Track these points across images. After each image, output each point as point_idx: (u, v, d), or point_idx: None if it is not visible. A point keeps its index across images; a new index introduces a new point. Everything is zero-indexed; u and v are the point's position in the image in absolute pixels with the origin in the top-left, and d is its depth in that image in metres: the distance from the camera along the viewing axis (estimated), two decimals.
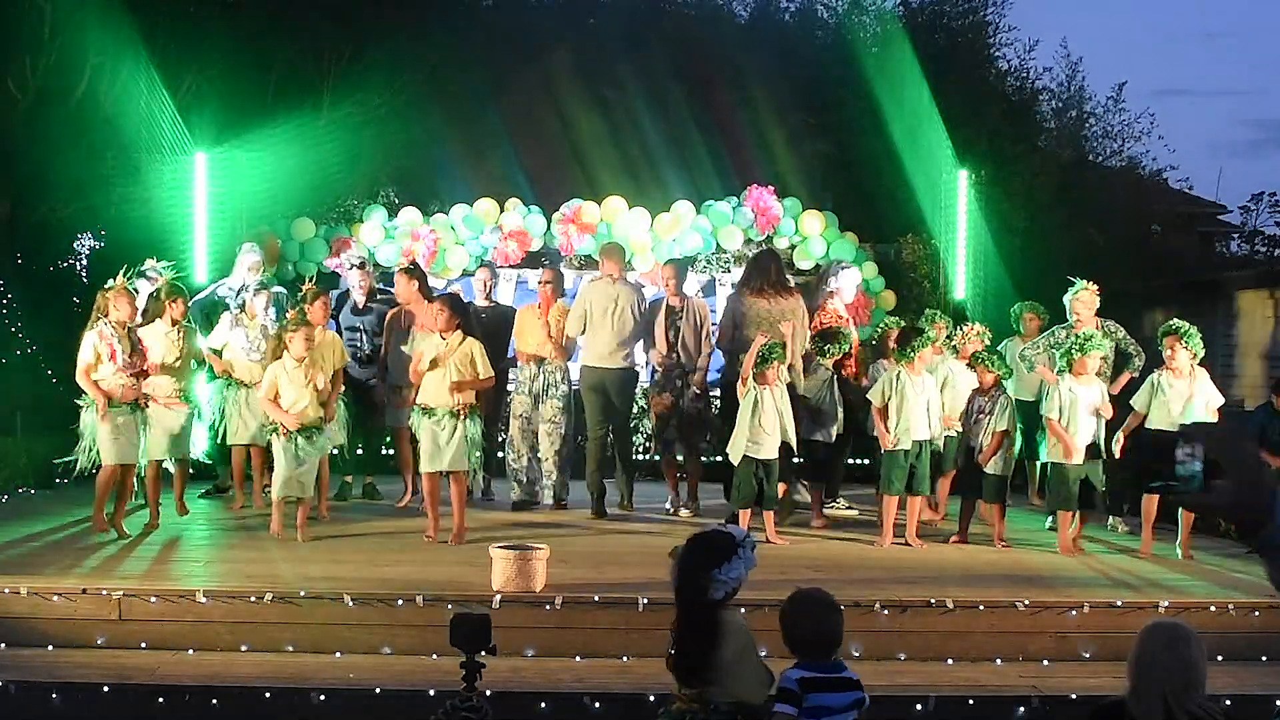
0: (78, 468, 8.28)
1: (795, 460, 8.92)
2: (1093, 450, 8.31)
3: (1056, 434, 8.26)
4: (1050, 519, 8.92)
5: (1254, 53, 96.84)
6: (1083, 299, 8.97)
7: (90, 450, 8.14)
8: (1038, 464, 9.87)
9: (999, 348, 9.29)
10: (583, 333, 9.50)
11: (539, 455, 9.66)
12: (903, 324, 9.02)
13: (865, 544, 8.47)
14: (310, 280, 10.32)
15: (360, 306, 10.18)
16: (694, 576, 3.86)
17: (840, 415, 9.07)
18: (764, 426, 8.26)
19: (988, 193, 12.38)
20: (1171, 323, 8.37)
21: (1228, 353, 13.72)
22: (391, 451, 10.42)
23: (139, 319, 8.57)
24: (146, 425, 8.31)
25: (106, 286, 8.19)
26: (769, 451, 8.30)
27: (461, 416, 8.10)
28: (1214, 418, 8.01)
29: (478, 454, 8.36)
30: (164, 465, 8.90)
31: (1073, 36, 17.59)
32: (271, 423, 8.34)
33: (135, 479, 8.56)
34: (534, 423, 9.58)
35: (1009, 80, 17.18)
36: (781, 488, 8.84)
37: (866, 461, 10.15)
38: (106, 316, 8.02)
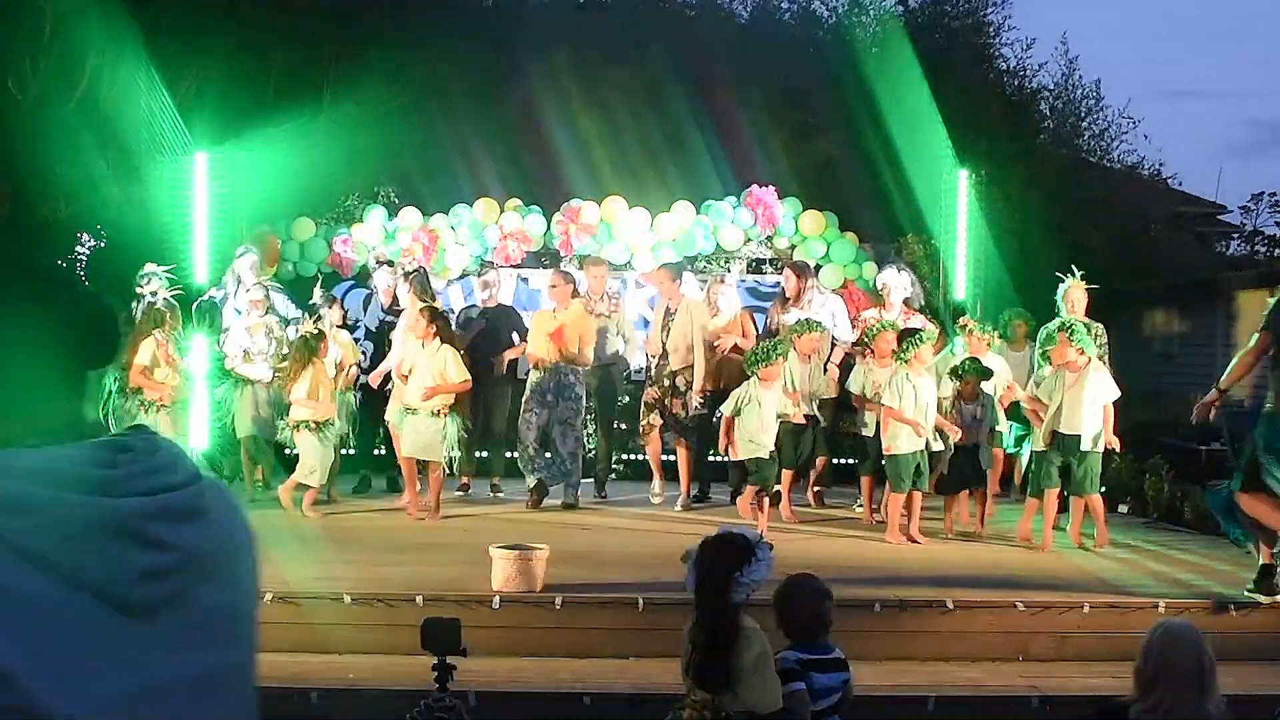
0: None
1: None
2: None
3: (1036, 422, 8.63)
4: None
5: (1254, 53, 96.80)
6: (1074, 292, 9.22)
7: None
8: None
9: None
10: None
11: (556, 452, 9.81)
12: (898, 326, 9.25)
13: (865, 543, 8.51)
14: (321, 285, 10.70)
15: (385, 308, 10.37)
16: (714, 579, 3.85)
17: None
18: (762, 426, 8.60)
19: (987, 192, 12.37)
20: (1064, 319, 8.63)
21: (1227, 353, 13.72)
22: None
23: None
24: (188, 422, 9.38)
25: (156, 300, 9.30)
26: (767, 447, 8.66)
27: (441, 415, 8.88)
28: (1108, 413, 8.34)
29: (456, 451, 9.13)
30: None
31: (1072, 37, 17.48)
32: (292, 421, 9.23)
33: None
34: (547, 422, 9.70)
35: (1008, 80, 17.15)
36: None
37: (853, 461, 10.20)
38: (162, 326, 9.16)
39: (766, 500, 8.71)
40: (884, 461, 8.69)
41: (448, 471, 9.28)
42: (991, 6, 17.08)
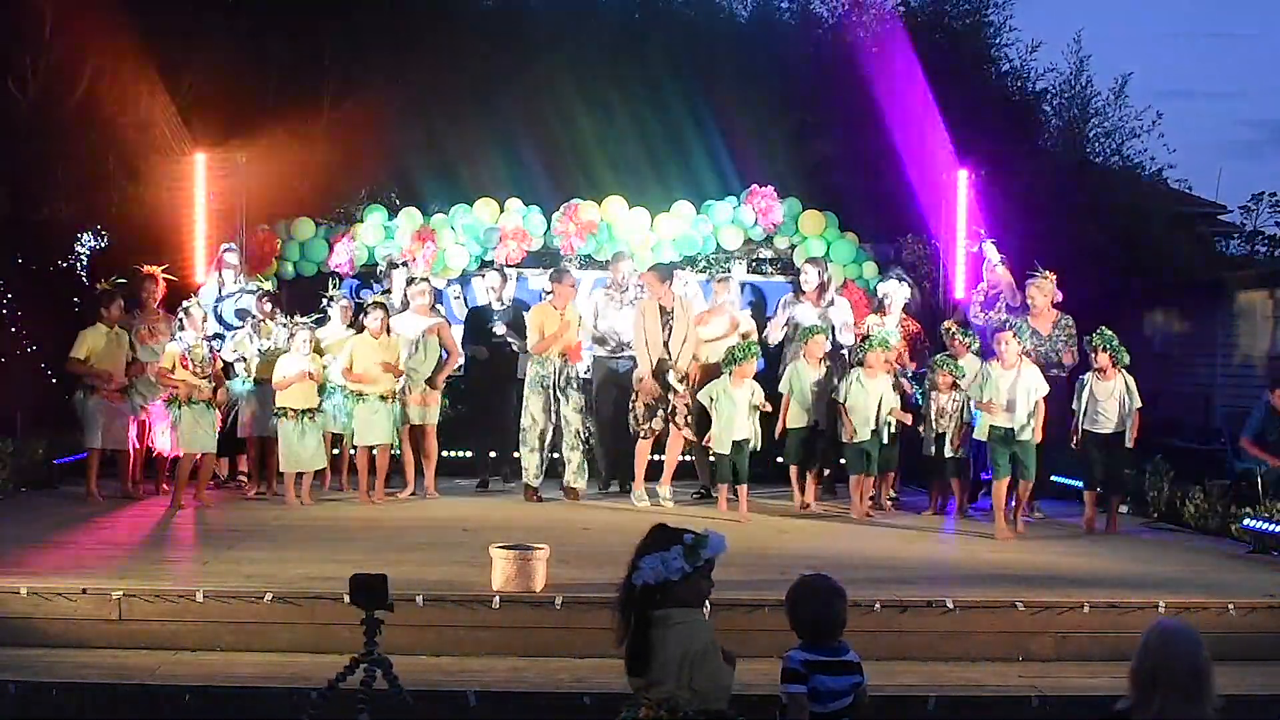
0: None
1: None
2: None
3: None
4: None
5: (1254, 53, 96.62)
6: (1039, 285, 9.79)
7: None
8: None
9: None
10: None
11: (567, 439, 10.17)
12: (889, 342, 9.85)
13: (866, 542, 8.55)
14: (334, 288, 11.03)
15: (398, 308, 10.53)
16: (633, 558, 3.86)
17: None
18: (732, 419, 9.41)
19: (988, 193, 12.36)
20: (1006, 319, 9.38)
21: (1228, 353, 13.72)
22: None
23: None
24: (214, 420, 9.52)
25: (185, 304, 9.65)
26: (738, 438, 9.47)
27: (389, 400, 9.77)
28: (1039, 407, 8.86)
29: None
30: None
31: (1073, 37, 17.38)
32: (278, 410, 9.60)
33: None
34: (554, 415, 10.11)
35: (1010, 81, 17.12)
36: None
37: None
38: (183, 328, 9.51)
39: (726, 491, 9.58)
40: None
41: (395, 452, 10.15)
42: (993, 7, 17.05)
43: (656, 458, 10.27)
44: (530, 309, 10.55)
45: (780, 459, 10.61)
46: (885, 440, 9.58)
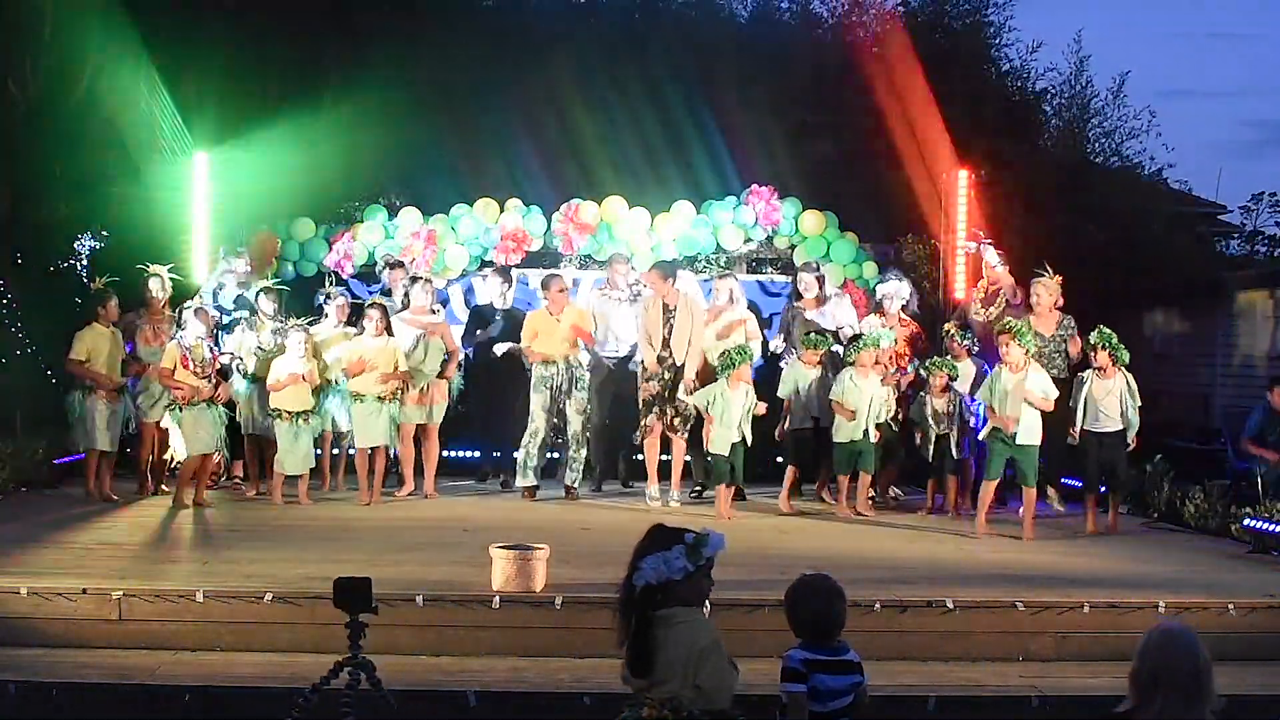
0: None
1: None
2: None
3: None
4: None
5: (1254, 53, 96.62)
6: (1046, 285, 9.80)
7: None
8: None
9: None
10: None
11: (569, 439, 10.37)
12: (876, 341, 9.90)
13: (866, 542, 8.54)
14: (329, 285, 11.04)
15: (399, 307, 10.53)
16: (632, 559, 3.87)
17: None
18: (729, 423, 9.40)
19: (988, 193, 12.36)
20: (1007, 321, 9.19)
21: (1228, 353, 13.73)
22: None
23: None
24: (219, 420, 9.51)
25: (186, 305, 9.69)
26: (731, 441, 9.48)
27: (386, 402, 9.75)
28: (1048, 406, 8.83)
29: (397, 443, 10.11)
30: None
31: (1073, 37, 17.40)
32: (272, 411, 9.63)
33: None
34: (557, 415, 10.26)
35: (1010, 81, 17.11)
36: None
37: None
38: (180, 326, 9.54)
39: (728, 491, 9.55)
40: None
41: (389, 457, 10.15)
42: (993, 7, 17.05)
43: (663, 457, 10.28)
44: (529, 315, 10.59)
45: (780, 459, 10.64)
46: (874, 439, 9.55)
